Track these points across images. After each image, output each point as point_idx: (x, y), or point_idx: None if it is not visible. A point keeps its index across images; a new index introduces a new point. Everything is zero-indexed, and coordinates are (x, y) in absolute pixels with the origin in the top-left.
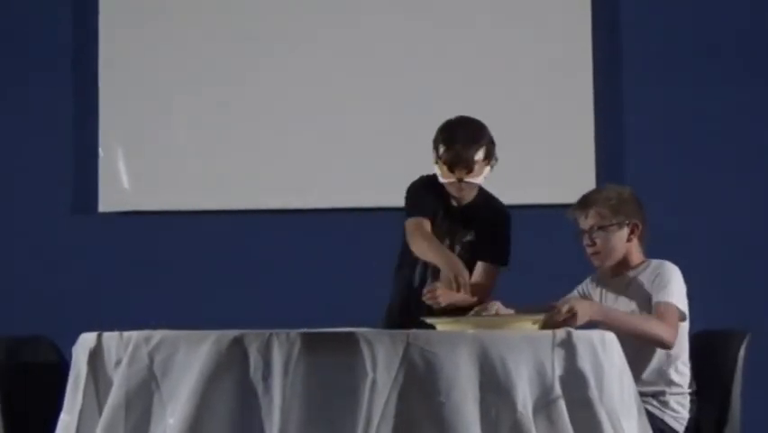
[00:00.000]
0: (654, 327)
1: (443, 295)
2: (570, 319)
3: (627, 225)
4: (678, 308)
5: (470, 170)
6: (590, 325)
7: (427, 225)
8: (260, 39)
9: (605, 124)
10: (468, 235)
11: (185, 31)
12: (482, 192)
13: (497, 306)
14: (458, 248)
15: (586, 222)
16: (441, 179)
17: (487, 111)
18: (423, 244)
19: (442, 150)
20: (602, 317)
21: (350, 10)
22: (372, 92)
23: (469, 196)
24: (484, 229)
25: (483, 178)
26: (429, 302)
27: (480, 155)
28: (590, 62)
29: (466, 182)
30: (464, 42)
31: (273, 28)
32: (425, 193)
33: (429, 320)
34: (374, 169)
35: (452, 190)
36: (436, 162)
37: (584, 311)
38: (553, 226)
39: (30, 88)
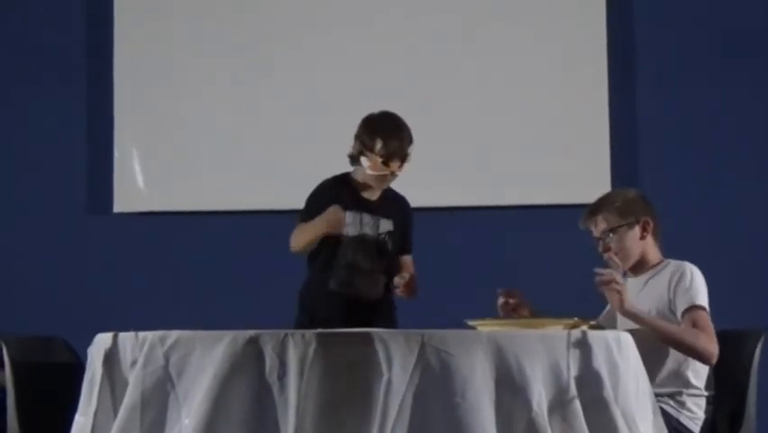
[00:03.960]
0: (698, 340)
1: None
2: (613, 288)
3: (638, 223)
4: (708, 312)
5: (403, 164)
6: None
7: None
8: (274, 40)
9: (620, 124)
10: (387, 226)
11: (200, 31)
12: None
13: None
14: (382, 237)
15: (597, 230)
16: (369, 172)
17: (501, 111)
18: (299, 232)
19: (379, 144)
20: (636, 318)
21: (362, 11)
22: (381, 92)
23: (381, 189)
24: (399, 222)
25: None
26: (402, 294)
27: (411, 150)
28: (605, 61)
29: (395, 175)
30: (477, 43)
31: (288, 29)
32: (315, 206)
33: (471, 322)
34: None
35: (376, 183)
36: (362, 155)
37: (627, 297)
38: (569, 227)
39: (44, 89)
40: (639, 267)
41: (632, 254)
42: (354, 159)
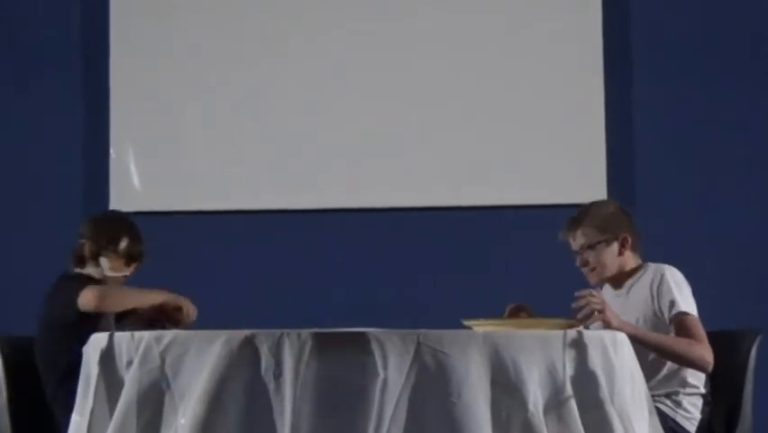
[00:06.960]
0: (692, 351)
1: None
2: (598, 310)
3: (616, 240)
4: (695, 316)
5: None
6: None
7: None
8: (271, 39)
9: (616, 123)
10: None
11: (196, 31)
12: None
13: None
14: None
15: (575, 243)
16: (108, 273)
17: (497, 111)
18: (127, 296)
19: (124, 243)
20: (631, 333)
21: (359, 10)
22: (380, 93)
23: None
24: None
25: None
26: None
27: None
28: (601, 61)
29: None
30: (474, 42)
31: (285, 29)
32: None
33: (466, 322)
34: (386, 169)
35: (113, 283)
36: (100, 255)
37: (613, 312)
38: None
39: (41, 89)
40: (619, 278)
41: (609, 269)
42: (85, 259)
